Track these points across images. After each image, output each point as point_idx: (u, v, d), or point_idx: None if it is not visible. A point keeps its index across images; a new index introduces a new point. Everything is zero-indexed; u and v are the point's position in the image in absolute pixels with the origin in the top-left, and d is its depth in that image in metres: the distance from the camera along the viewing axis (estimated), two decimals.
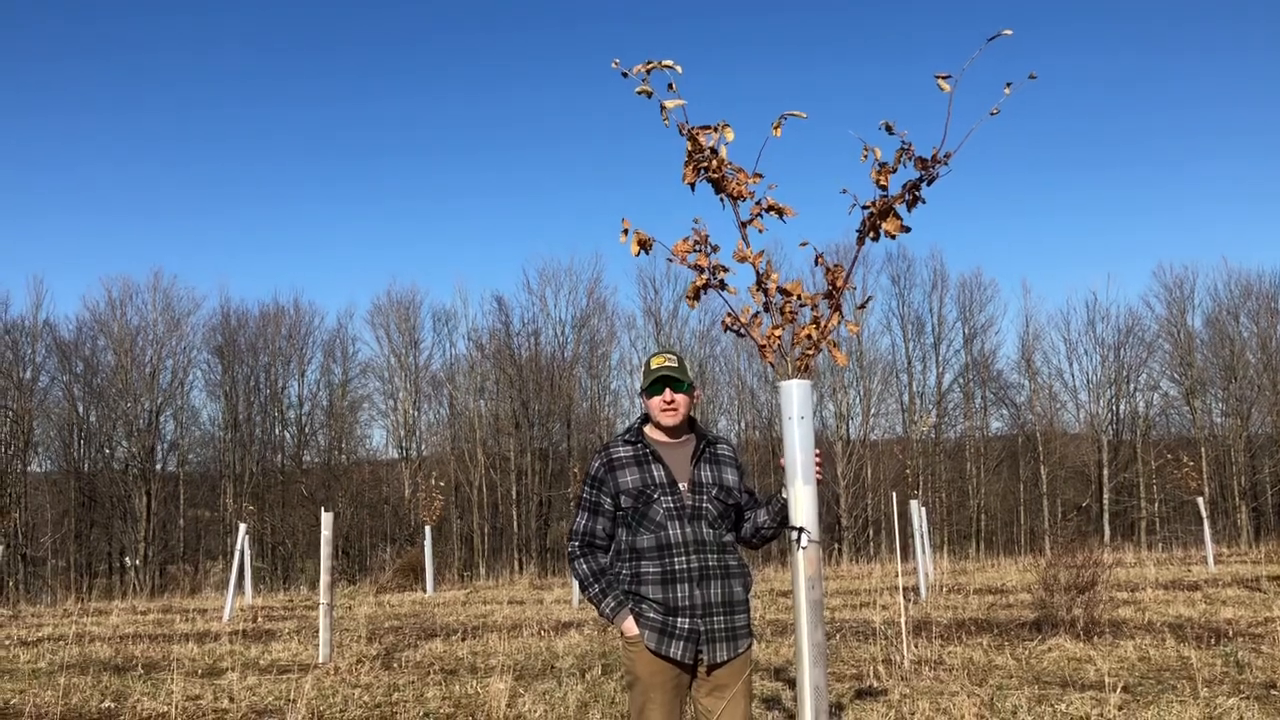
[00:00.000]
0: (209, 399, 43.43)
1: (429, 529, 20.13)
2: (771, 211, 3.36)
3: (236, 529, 16.68)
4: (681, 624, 3.53)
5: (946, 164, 3.15)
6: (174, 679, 8.13)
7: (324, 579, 9.96)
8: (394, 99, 63.68)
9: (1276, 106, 58.97)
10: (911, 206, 3.27)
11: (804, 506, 3.25)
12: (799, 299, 3.34)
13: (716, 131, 3.30)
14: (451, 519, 37.94)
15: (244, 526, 16.44)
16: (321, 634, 9.69)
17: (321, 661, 9.41)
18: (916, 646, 8.73)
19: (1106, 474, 39.54)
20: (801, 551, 3.20)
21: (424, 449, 43.72)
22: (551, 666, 8.60)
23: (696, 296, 3.48)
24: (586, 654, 9.18)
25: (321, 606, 9.82)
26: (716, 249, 3.41)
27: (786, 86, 58.47)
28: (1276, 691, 6.53)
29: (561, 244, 73.35)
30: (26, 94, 59.42)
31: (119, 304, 41.43)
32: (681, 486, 3.62)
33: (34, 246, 62.56)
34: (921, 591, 13.78)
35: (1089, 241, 62.06)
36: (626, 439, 3.74)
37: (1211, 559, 17.42)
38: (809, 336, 3.32)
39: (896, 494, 15.14)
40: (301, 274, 71.18)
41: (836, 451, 38.28)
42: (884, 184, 3.25)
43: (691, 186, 3.36)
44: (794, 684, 3.64)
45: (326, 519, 10.15)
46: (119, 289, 42.00)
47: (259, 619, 14.78)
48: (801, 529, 3.22)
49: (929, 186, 3.22)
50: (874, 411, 41.02)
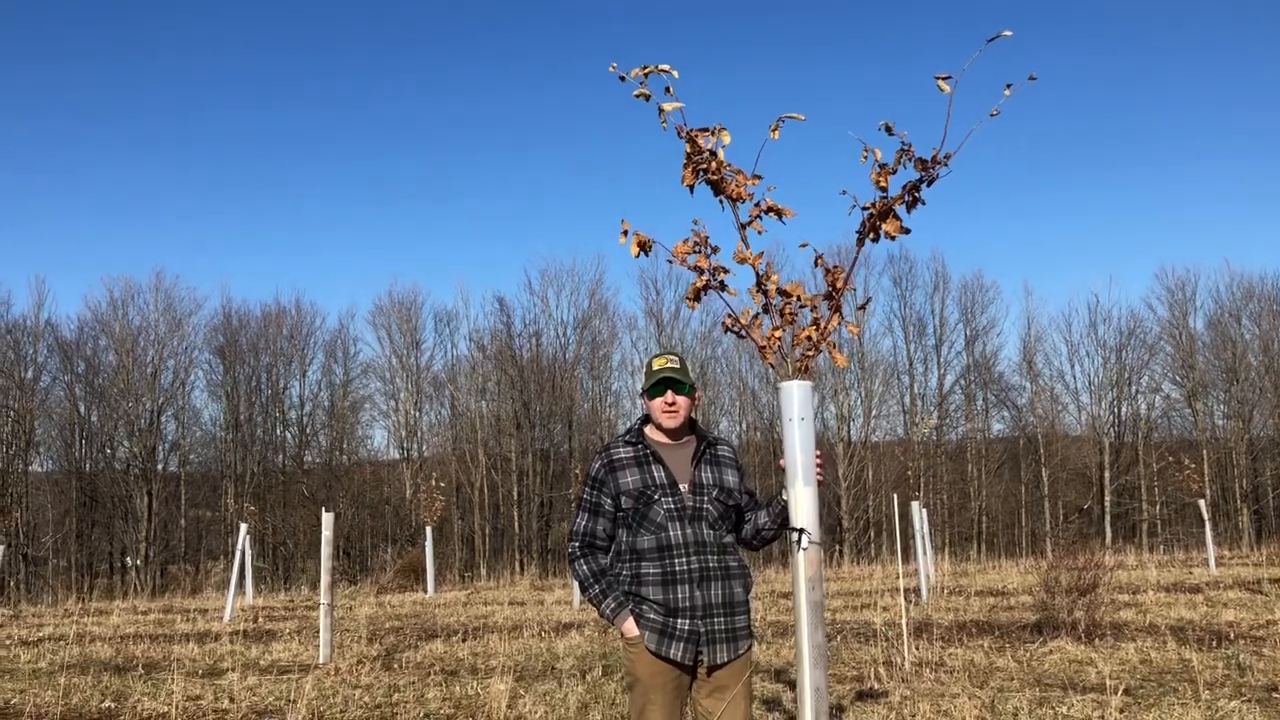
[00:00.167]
0: (210, 399, 43.52)
1: (430, 530, 20.13)
2: (771, 213, 3.36)
3: (237, 529, 16.69)
4: (682, 625, 3.53)
5: (947, 165, 3.14)
6: (174, 679, 8.13)
7: (325, 579, 9.96)
8: (395, 99, 63.83)
9: (1278, 107, 58.98)
10: (911, 208, 3.27)
11: (805, 508, 3.24)
12: (799, 300, 3.33)
13: (714, 134, 3.30)
14: (452, 520, 37.94)
15: (245, 527, 16.46)
16: (322, 634, 9.69)
17: (322, 662, 9.41)
18: (917, 648, 8.72)
19: (1108, 476, 39.50)
20: (802, 553, 3.20)
21: (425, 450, 43.79)
22: (552, 667, 8.60)
23: (697, 298, 3.48)
24: (587, 655, 9.18)
25: (322, 607, 9.82)
26: (716, 250, 3.41)
27: (786, 87, 58.58)
28: (1278, 694, 6.52)
29: (563, 245, 73.55)
30: (28, 95, 59.60)
31: (121, 304, 41.54)
32: (682, 488, 3.62)
33: (36, 246, 62.70)
34: (922, 593, 13.76)
35: (1090, 243, 62.14)
36: (627, 440, 3.73)
37: (1213, 561, 17.40)
38: (809, 338, 3.31)
39: (898, 496, 15.14)
40: (303, 274, 71.28)
41: (838, 453, 38.27)
42: (884, 185, 3.24)
43: (691, 188, 3.35)
44: (794, 685, 3.64)
45: (327, 519, 10.15)
46: (121, 289, 42.12)
47: (260, 619, 14.78)
48: (802, 530, 3.22)
49: (929, 188, 3.22)
50: (875, 413, 41.03)
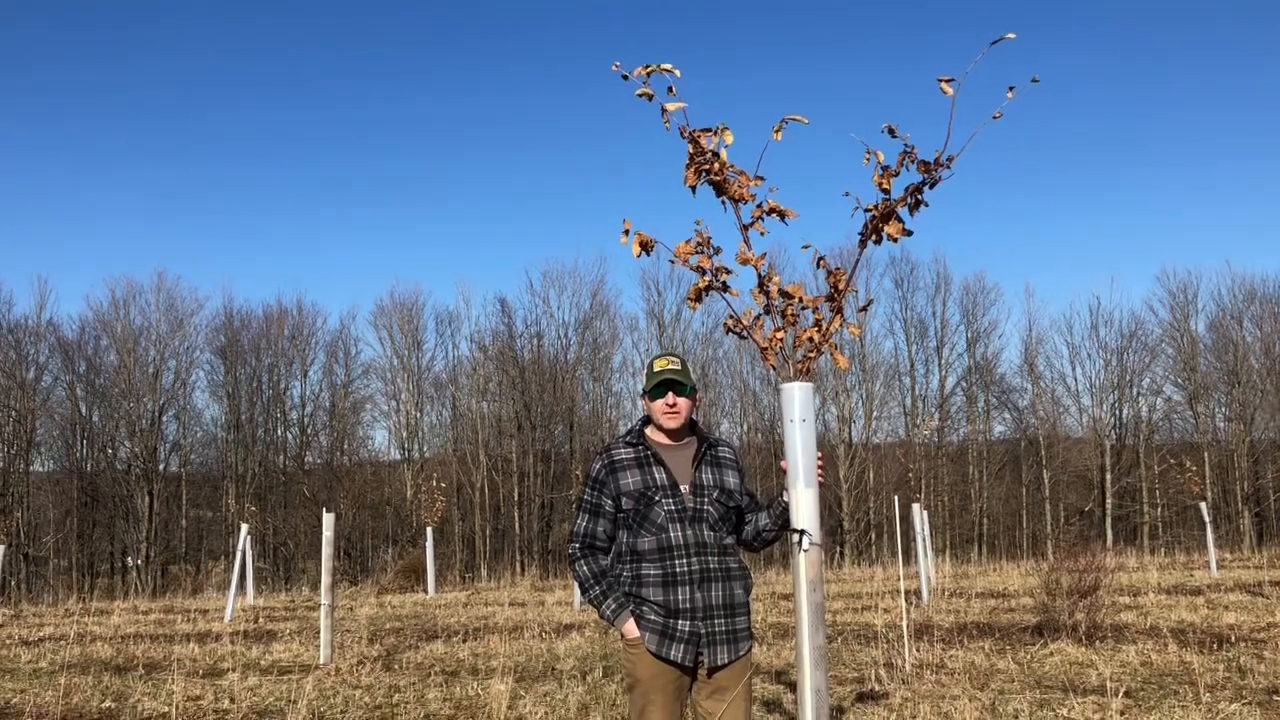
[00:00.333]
0: (211, 399, 43.57)
1: (430, 530, 20.13)
2: (773, 214, 3.36)
3: (238, 529, 16.69)
4: (682, 626, 3.52)
5: (949, 167, 3.14)
6: (175, 679, 8.13)
7: (325, 580, 9.96)
8: (397, 100, 63.85)
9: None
10: (914, 209, 3.27)
11: (805, 509, 3.24)
12: (801, 302, 3.33)
13: (717, 135, 3.29)
14: (453, 520, 37.94)
15: (246, 527, 16.46)
16: (322, 635, 9.69)
17: (322, 662, 9.41)
18: (918, 650, 8.71)
19: (1109, 478, 39.47)
20: (803, 554, 3.20)
21: (426, 450, 43.77)
22: (553, 668, 8.60)
23: (698, 299, 3.47)
24: (588, 656, 9.18)
25: (323, 607, 9.82)
26: (718, 251, 3.40)
27: (788, 88, 58.56)
28: (1279, 697, 6.51)
29: (565, 246, 73.47)
30: (30, 96, 59.66)
31: (122, 304, 41.60)
32: (683, 489, 3.62)
33: (38, 246, 62.77)
34: (923, 595, 13.76)
35: (1092, 245, 62.05)
36: (628, 441, 3.73)
37: (1214, 564, 17.38)
38: (811, 339, 3.31)
39: (899, 497, 15.14)
40: (304, 275, 71.28)
41: (839, 454, 38.26)
42: (886, 187, 3.23)
43: (693, 189, 3.35)
44: (795, 687, 3.63)
45: (328, 520, 10.15)
46: (122, 289, 42.23)
47: (260, 620, 14.78)
48: (803, 532, 3.21)
49: (931, 189, 3.21)
50: (876, 415, 41.03)
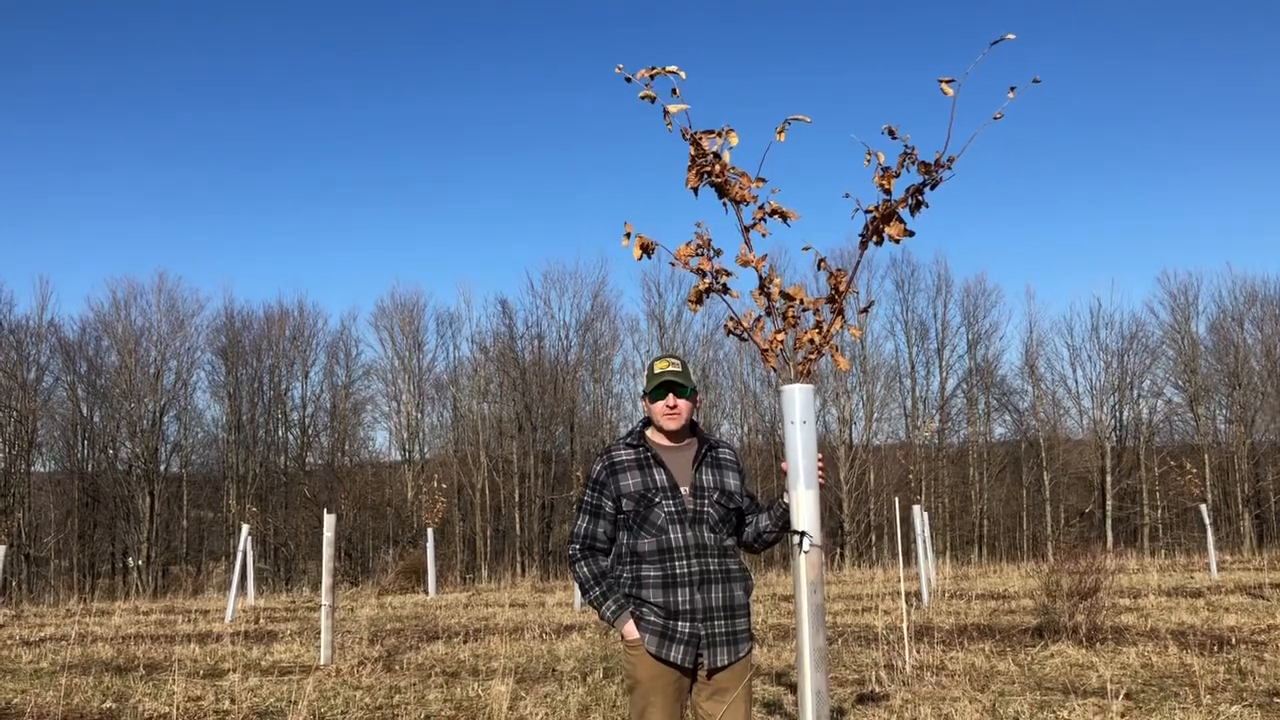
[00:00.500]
0: (212, 400, 43.57)
1: (431, 531, 20.13)
2: (775, 215, 3.36)
3: (239, 530, 16.70)
4: (682, 628, 3.53)
5: (950, 168, 3.14)
6: (176, 680, 8.13)
7: (326, 581, 9.96)
8: (397, 101, 63.84)
9: None
10: (915, 211, 3.27)
11: (806, 511, 3.24)
12: (802, 303, 3.33)
13: (720, 136, 3.29)
14: (454, 521, 37.95)
15: (247, 528, 16.47)
16: (323, 636, 9.69)
17: (323, 663, 9.41)
18: (918, 652, 8.71)
19: (1109, 480, 39.46)
20: (803, 556, 3.20)
21: (427, 451, 43.77)
22: (553, 669, 8.60)
23: (699, 300, 3.47)
24: (588, 657, 9.18)
25: (323, 608, 9.82)
26: (719, 253, 3.40)
27: (788, 88, 58.54)
28: None
29: (566, 246, 73.34)
30: (31, 96, 59.71)
31: (123, 305, 41.59)
32: (683, 490, 3.62)
33: (39, 247, 62.78)
34: (924, 597, 13.76)
35: (1093, 247, 62.01)
36: (628, 442, 3.73)
37: (1214, 566, 17.37)
38: (811, 341, 3.31)
39: (899, 499, 15.15)
40: (305, 276, 71.38)
41: (839, 456, 38.25)
42: (887, 188, 3.24)
43: (694, 191, 3.35)
44: (795, 688, 3.63)
45: (329, 521, 10.15)
46: (123, 290, 42.22)
47: (261, 620, 14.78)
48: (803, 533, 3.22)
49: (932, 191, 3.21)
50: (877, 416, 41.00)
